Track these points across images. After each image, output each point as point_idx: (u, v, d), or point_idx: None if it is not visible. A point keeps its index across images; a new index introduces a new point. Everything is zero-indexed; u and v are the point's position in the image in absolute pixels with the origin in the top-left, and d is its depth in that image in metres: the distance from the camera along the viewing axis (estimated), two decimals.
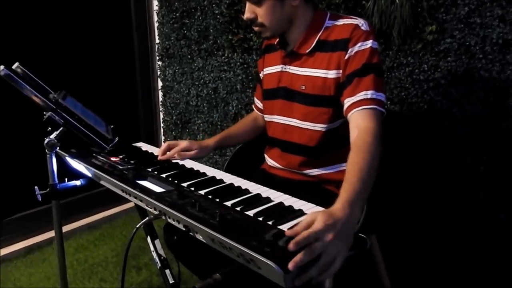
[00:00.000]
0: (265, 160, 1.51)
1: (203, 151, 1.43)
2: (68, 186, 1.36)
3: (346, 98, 1.18)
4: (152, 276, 1.99)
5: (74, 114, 1.20)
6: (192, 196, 1.05)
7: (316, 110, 1.27)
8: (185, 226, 0.96)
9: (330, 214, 0.82)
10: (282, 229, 0.88)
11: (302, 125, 1.31)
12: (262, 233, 0.85)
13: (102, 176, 1.21)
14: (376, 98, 1.14)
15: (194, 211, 0.95)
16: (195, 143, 1.42)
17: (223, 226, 0.88)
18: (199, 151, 1.41)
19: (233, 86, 2.44)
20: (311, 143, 1.30)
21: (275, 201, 1.04)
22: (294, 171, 1.37)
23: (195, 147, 1.40)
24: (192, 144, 1.40)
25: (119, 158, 1.36)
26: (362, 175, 0.97)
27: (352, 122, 1.14)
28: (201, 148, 1.42)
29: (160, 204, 0.99)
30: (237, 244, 0.80)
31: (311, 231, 0.77)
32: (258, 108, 1.61)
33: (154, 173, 1.23)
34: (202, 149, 1.42)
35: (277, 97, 1.38)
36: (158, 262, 1.34)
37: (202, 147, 1.42)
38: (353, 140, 1.10)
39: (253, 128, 1.61)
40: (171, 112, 2.83)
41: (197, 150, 1.40)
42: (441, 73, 1.73)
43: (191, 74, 2.64)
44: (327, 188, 1.35)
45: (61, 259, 1.42)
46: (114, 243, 2.32)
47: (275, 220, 0.92)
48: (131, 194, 1.12)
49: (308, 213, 0.97)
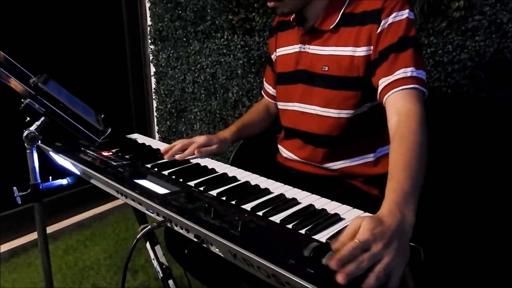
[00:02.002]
0: (279, 152, 1.33)
1: (223, 146, 1.27)
2: (52, 185, 1.17)
3: (380, 78, 1.01)
4: (150, 280, 1.83)
5: (57, 101, 1.01)
6: (203, 199, 0.88)
7: (341, 94, 1.10)
8: (197, 236, 0.78)
9: (378, 220, 0.67)
10: (321, 241, 0.71)
11: (324, 113, 1.14)
12: (297, 247, 0.68)
13: (93, 175, 1.03)
14: (417, 76, 0.98)
15: (209, 218, 0.78)
16: (214, 137, 1.25)
17: (247, 237, 0.71)
18: (219, 146, 1.25)
19: (233, 71, 2.29)
20: (334, 133, 1.14)
21: (302, 203, 0.87)
22: (315, 164, 1.20)
23: (215, 141, 1.24)
24: (211, 139, 1.24)
25: (112, 153, 1.17)
26: (411, 171, 0.80)
27: (390, 106, 0.98)
28: (221, 141, 1.26)
29: (165, 209, 0.82)
30: (270, 263, 0.63)
31: (356, 243, 0.62)
32: (269, 95, 1.43)
33: (155, 170, 1.05)
34: (222, 143, 1.26)
35: (294, 82, 1.20)
36: (160, 271, 1.18)
37: (221, 140, 1.26)
38: (393, 127, 0.94)
39: (267, 117, 1.44)
40: (165, 100, 2.68)
41: (217, 144, 1.24)
42: (468, 54, 1.57)
43: (187, 59, 2.48)
44: (351, 183, 1.19)
45: (46, 267, 1.24)
46: (106, 243, 2.15)
47: (309, 228, 0.75)
48: (127, 196, 0.94)
49: (345, 217, 0.81)
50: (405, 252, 0.67)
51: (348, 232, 0.66)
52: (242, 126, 1.37)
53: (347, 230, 0.67)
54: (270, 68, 1.40)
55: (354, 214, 0.81)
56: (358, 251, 0.61)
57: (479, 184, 1.63)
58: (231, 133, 1.31)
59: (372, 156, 1.17)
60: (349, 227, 0.67)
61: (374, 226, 0.65)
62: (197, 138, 1.22)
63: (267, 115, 1.44)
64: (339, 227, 0.76)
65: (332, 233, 0.73)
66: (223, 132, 1.31)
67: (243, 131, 1.37)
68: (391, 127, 0.96)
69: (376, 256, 0.61)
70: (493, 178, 1.60)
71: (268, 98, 1.44)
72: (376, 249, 0.62)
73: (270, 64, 1.39)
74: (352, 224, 0.67)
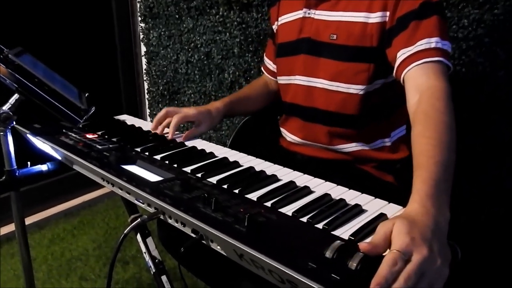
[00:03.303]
0: (282, 135, 1.21)
1: (214, 120, 1.14)
2: (31, 172, 1.05)
3: (399, 50, 0.89)
4: (141, 271, 1.72)
5: (32, 75, 0.88)
6: (201, 187, 0.76)
7: (351, 66, 0.99)
8: (195, 231, 0.67)
9: (412, 220, 0.57)
10: (342, 237, 0.60)
11: (332, 87, 1.02)
12: (316, 245, 0.57)
13: (75, 160, 0.91)
14: (442, 48, 0.87)
15: (209, 210, 0.66)
16: (204, 110, 1.12)
17: (256, 234, 0.60)
18: (209, 124, 1.13)
19: (229, 50, 2.16)
20: (343, 110, 1.03)
21: (316, 192, 0.76)
22: (321, 146, 1.09)
23: (205, 115, 1.11)
24: (201, 113, 1.11)
25: (98, 135, 1.05)
26: (441, 156, 0.69)
27: (411, 82, 0.86)
28: (211, 116, 1.13)
29: (157, 200, 0.70)
30: (286, 267, 0.51)
31: (396, 254, 0.51)
32: (269, 71, 1.30)
33: (145, 155, 0.93)
34: (213, 118, 1.13)
35: (297, 52, 1.08)
36: (152, 266, 1.07)
37: (212, 114, 1.13)
38: (414, 107, 0.82)
39: (265, 94, 1.31)
40: (157, 81, 2.55)
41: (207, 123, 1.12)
42: (485, 29, 1.45)
43: (180, 37, 2.35)
44: (362, 168, 1.08)
45: (25, 261, 1.13)
46: (95, 232, 2.04)
47: (327, 222, 0.64)
48: (114, 184, 0.82)
49: (367, 209, 0.70)
50: (446, 254, 0.56)
51: (380, 235, 0.55)
52: (237, 99, 1.24)
53: (378, 232, 0.56)
54: (271, 41, 1.27)
55: (377, 205, 0.70)
56: (401, 264, 0.50)
57: (492, 163, 1.53)
58: (224, 104, 1.18)
59: (388, 140, 1.06)
60: (380, 231, 0.56)
61: (410, 229, 0.54)
62: (186, 109, 1.10)
63: (266, 92, 1.31)
64: (362, 221, 0.65)
65: (355, 229, 0.62)
66: (215, 103, 1.17)
67: (238, 105, 1.23)
68: (411, 106, 0.84)
69: (422, 266, 0.51)
70: (505, 158, 1.50)
71: (268, 74, 1.31)
72: (420, 258, 0.51)
73: (271, 36, 1.26)
74: (383, 227, 0.56)
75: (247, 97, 1.27)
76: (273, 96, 1.31)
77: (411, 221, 0.56)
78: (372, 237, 0.56)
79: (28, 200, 2.09)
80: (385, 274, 0.48)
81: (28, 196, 2.09)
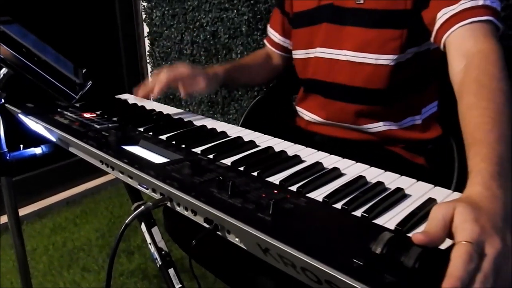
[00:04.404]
0: (299, 115, 1.11)
1: (212, 83, 1.01)
2: (23, 155, 0.95)
3: (440, 9, 0.77)
4: (147, 262, 1.64)
5: (19, 45, 0.78)
6: (214, 169, 0.66)
7: (381, 34, 0.88)
8: (208, 221, 0.57)
9: (476, 206, 0.46)
10: (386, 227, 0.50)
11: (358, 59, 0.91)
12: (358, 238, 0.47)
13: (70, 141, 0.81)
14: (491, 5, 0.75)
15: (225, 195, 0.56)
16: (199, 69, 1.00)
17: (284, 224, 0.50)
18: (208, 83, 0.99)
19: (236, 29, 2.06)
20: (370, 85, 0.92)
21: (347, 174, 0.65)
22: (344, 125, 0.98)
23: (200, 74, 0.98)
24: (196, 71, 0.98)
25: (96, 115, 0.95)
26: (502, 129, 0.59)
27: (455, 46, 0.75)
28: (208, 77, 1.00)
29: (163, 184, 0.60)
30: (328, 266, 0.41)
31: (468, 246, 0.41)
32: (273, 43, 1.17)
33: (149, 134, 0.83)
34: (210, 79, 1.00)
35: (318, 21, 0.97)
36: (158, 258, 0.98)
37: (209, 75, 1.00)
38: (460, 75, 0.71)
39: (267, 67, 1.19)
40: (160, 63, 2.46)
41: (205, 80, 0.98)
42: None
43: (184, 16, 2.25)
44: (390, 150, 0.97)
45: (20, 253, 1.04)
46: (98, 221, 1.95)
47: (366, 209, 0.53)
48: (114, 167, 0.72)
49: (411, 193, 0.59)
50: None
51: (437, 221, 0.45)
52: (237, 66, 1.14)
53: (434, 218, 0.45)
54: (278, 10, 1.13)
55: (422, 189, 0.60)
56: (477, 260, 0.39)
57: None
58: (223, 69, 1.06)
59: (419, 118, 0.96)
60: (436, 217, 0.45)
61: (477, 215, 0.44)
62: (179, 66, 0.98)
63: (267, 64, 1.19)
64: (407, 208, 0.55)
65: (401, 217, 0.52)
66: (213, 67, 1.06)
67: (238, 73, 1.13)
68: (456, 74, 0.73)
69: (497, 262, 0.40)
70: None
71: (272, 47, 1.18)
72: (494, 252, 0.41)
73: (278, 5, 1.13)
74: (439, 213, 0.45)
75: (248, 66, 1.17)
76: (275, 71, 1.20)
77: (476, 207, 0.45)
78: (426, 225, 0.46)
79: (28, 187, 2.02)
80: (461, 274, 0.37)
81: (28, 184, 2.02)
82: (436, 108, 0.99)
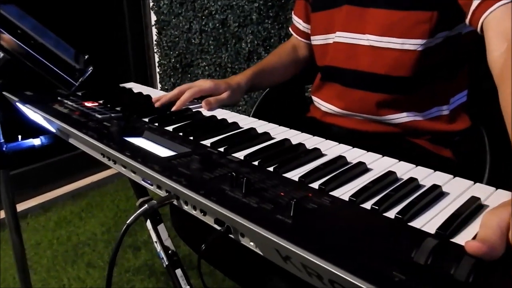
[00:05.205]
0: (314, 105, 1.04)
1: (235, 94, 0.97)
2: (21, 147, 0.89)
3: None
4: (153, 258, 1.60)
5: (15, 26, 0.71)
6: (225, 164, 0.59)
7: (408, 16, 0.80)
8: (219, 222, 0.50)
9: None
10: (428, 232, 0.43)
11: (382, 44, 0.84)
12: (396, 245, 0.40)
13: (69, 131, 0.75)
14: None
15: (239, 194, 0.49)
16: (222, 83, 0.96)
17: (306, 227, 0.43)
18: (231, 95, 0.95)
19: (246, 17, 2.01)
20: (394, 72, 0.84)
21: (374, 170, 0.58)
22: (365, 116, 0.91)
23: (224, 86, 0.94)
24: (219, 84, 0.94)
25: (98, 104, 0.88)
26: None
27: (494, 27, 0.67)
28: (232, 89, 0.96)
29: (169, 181, 0.53)
30: (365, 282, 0.34)
31: None
32: (298, 31, 1.11)
33: (154, 125, 0.76)
34: (234, 91, 0.96)
35: (338, 3, 0.90)
36: (164, 258, 0.91)
37: (232, 87, 0.96)
38: (502, 59, 0.63)
39: (292, 62, 1.13)
40: (168, 53, 2.41)
41: (228, 92, 0.95)
42: None
43: (192, 4, 2.20)
44: (415, 142, 0.90)
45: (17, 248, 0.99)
46: (104, 215, 1.91)
47: (401, 210, 0.47)
48: (116, 160, 0.66)
49: (449, 191, 0.52)
50: None
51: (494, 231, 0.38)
52: (260, 71, 1.06)
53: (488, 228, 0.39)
54: None
55: (460, 187, 0.53)
56: None
57: None
58: (246, 78, 1.01)
59: (446, 108, 0.88)
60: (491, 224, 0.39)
61: None
62: (201, 82, 0.93)
63: (293, 60, 1.13)
64: (447, 208, 0.48)
65: (442, 219, 0.45)
66: (235, 77, 1.01)
67: (261, 78, 1.06)
68: (496, 59, 0.65)
69: None
70: None
71: (297, 35, 1.12)
72: None
73: None
74: (494, 219, 0.39)
75: (273, 67, 1.09)
76: (303, 62, 1.13)
77: None
78: (479, 232, 0.39)
79: (32, 180, 1.98)
80: None
81: (32, 176, 1.99)
82: (465, 98, 0.91)
